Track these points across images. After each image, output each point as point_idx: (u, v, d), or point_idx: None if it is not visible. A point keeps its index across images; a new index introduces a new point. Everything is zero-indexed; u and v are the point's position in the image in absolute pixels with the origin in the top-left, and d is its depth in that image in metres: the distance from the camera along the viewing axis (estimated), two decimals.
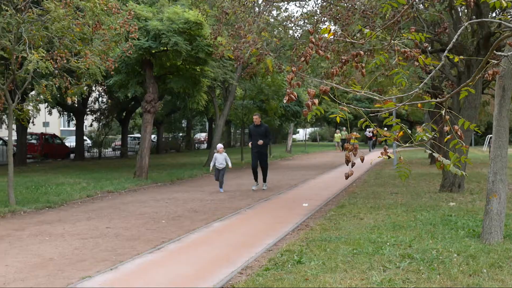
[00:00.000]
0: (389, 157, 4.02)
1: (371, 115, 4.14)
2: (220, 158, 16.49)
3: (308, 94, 3.76)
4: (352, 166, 3.90)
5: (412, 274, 6.58)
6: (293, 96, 3.75)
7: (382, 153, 3.98)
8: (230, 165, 16.70)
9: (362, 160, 4.07)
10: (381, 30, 5.37)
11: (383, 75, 15.25)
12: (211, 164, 16.66)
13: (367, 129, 42.54)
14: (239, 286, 6.34)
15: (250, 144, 17.05)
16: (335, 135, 50.21)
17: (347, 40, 4.83)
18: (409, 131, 4.05)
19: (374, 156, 4.68)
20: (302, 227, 10.31)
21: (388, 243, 8.28)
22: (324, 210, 12.43)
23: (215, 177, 16.79)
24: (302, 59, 4.12)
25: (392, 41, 4.33)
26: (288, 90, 3.80)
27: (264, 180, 17.33)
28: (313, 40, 4.05)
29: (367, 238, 8.71)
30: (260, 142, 16.56)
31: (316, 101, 3.74)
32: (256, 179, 17.26)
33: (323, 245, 8.30)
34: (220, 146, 16.94)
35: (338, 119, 4.18)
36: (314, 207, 12.89)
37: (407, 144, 4.14)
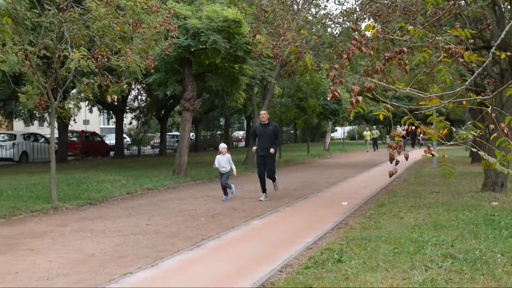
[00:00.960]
0: (433, 155, 3.97)
1: (416, 112, 4.08)
2: (223, 160, 14.31)
3: (352, 92, 3.72)
4: (396, 164, 3.85)
5: (455, 274, 6.48)
6: (336, 94, 3.72)
7: (425, 151, 3.93)
8: (234, 170, 14.39)
9: (407, 158, 4.01)
10: (424, 27, 5.28)
11: (424, 73, 15.05)
12: (215, 165, 14.52)
13: (399, 128, 41.82)
14: (279, 284, 6.30)
15: (254, 148, 14.40)
16: (364, 133, 47.92)
17: (391, 37, 4.77)
18: (454, 129, 3.99)
19: (412, 155, 4.58)
20: (342, 225, 10.26)
21: (429, 243, 8.18)
22: (363, 208, 12.36)
23: (221, 181, 14.57)
24: (345, 56, 4.08)
25: (437, 38, 4.26)
26: (331, 87, 3.76)
27: (273, 180, 14.64)
28: (356, 37, 4.00)
29: (408, 237, 8.62)
30: (272, 150, 13.95)
31: (360, 98, 3.70)
32: (263, 189, 14.37)
33: (363, 244, 8.25)
34: (223, 146, 14.74)
35: (381, 117, 4.13)
36: (354, 206, 12.82)
37: (451, 142, 4.07)
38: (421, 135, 46.40)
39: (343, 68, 4.41)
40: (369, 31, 4.25)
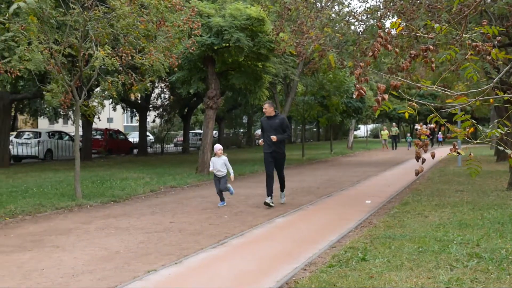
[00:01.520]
0: (459, 153, 3.93)
1: (443, 110, 4.04)
2: (218, 163, 12.91)
3: (377, 90, 3.70)
4: (423, 162, 3.82)
5: (480, 273, 6.41)
6: (362, 92, 3.70)
7: (451, 150, 3.90)
8: (232, 174, 13.02)
9: (433, 156, 3.98)
10: (451, 24, 5.23)
11: (448, 70, 14.94)
12: (210, 169, 13.25)
13: (417, 126, 41.36)
14: (303, 282, 6.29)
15: (260, 141, 13.09)
16: (382, 132, 46.26)
17: (417, 34, 4.73)
18: (481, 127, 3.95)
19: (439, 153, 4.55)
20: (366, 224, 10.22)
21: (454, 242, 8.10)
22: (387, 207, 12.29)
23: (216, 187, 13.15)
24: (370, 53, 4.06)
25: (464, 35, 4.21)
26: (357, 85, 3.74)
27: (282, 189, 13.37)
28: (382, 34, 3.98)
29: (433, 236, 8.56)
30: (274, 138, 12.40)
31: (386, 96, 3.68)
32: (270, 191, 12.76)
33: (387, 242, 8.20)
34: (218, 147, 13.18)
35: (406, 115, 4.10)
36: (377, 204, 12.76)
37: (477, 141, 4.03)
38: (440, 133, 45.88)
39: (368, 66, 4.39)
40: (394, 28, 4.23)
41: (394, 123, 47.47)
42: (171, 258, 7.74)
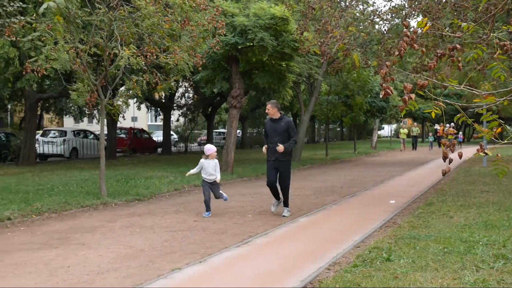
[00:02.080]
0: (486, 153, 3.91)
1: (469, 110, 4.00)
2: (209, 166, 11.44)
3: (404, 89, 3.69)
4: (450, 162, 3.80)
5: (507, 275, 6.36)
6: (389, 91, 3.69)
7: (478, 150, 3.88)
8: (218, 178, 11.58)
9: (460, 156, 3.96)
10: (477, 23, 5.19)
11: (475, 70, 14.82)
12: (193, 171, 11.82)
13: (447, 125, 40.66)
14: (328, 282, 6.29)
15: (264, 149, 11.51)
16: (401, 130, 44.62)
17: (441, 33, 4.71)
18: (508, 128, 3.92)
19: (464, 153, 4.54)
20: (390, 224, 10.20)
21: (480, 243, 8.06)
22: (411, 207, 12.25)
23: (204, 194, 11.56)
24: (396, 53, 4.05)
25: (492, 34, 4.18)
26: (383, 84, 3.73)
27: (285, 204, 11.59)
28: (408, 34, 3.97)
29: (458, 237, 8.51)
30: (280, 148, 10.92)
31: (413, 95, 3.66)
32: (276, 196, 11.61)
33: (412, 243, 8.18)
34: (211, 148, 11.67)
35: (433, 115, 4.09)
36: (401, 204, 12.73)
37: (505, 141, 4.00)
38: (460, 133, 45.28)
39: (394, 65, 4.38)
40: (421, 28, 4.21)
41: (415, 123, 46.61)
42: (195, 256, 7.78)
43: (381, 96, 3.88)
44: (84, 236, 9.34)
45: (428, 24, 4.17)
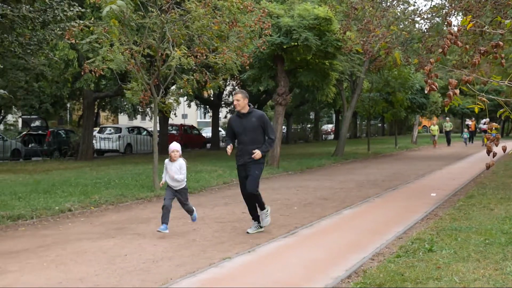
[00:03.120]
0: None
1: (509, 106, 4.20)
2: (172, 169, 9.10)
3: (449, 85, 3.90)
4: (494, 156, 3.97)
5: None
6: (434, 87, 3.92)
7: None
8: (183, 180, 9.16)
9: (504, 150, 4.10)
10: None
11: None
12: (163, 176, 9.38)
13: (482, 121, 39.56)
14: (372, 272, 6.40)
15: (228, 149, 8.98)
16: (432, 127, 41.98)
17: (483, 31, 5.02)
18: None
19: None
20: (431, 216, 10.29)
21: None
22: (452, 200, 12.31)
23: (165, 200, 9.21)
24: (440, 50, 4.28)
25: None
26: (428, 80, 3.98)
27: (261, 208, 9.18)
28: (452, 31, 4.17)
29: (499, 228, 8.53)
30: (256, 155, 8.81)
31: (457, 91, 3.86)
32: (254, 216, 9.20)
33: (453, 234, 8.23)
34: (173, 147, 9.31)
35: (476, 110, 4.28)
36: (442, 197, 12.81)
37: None
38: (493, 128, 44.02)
39: (438, 62, 4.63)
40: (465, 25, 4.41)
41: (447, 118, 45.17)
42: (244, 246, 8.03)
43: (426, 91, 4.07)
44: (139, 227, 9.73)
45: (471, 22, 4.41)
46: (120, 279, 6.46)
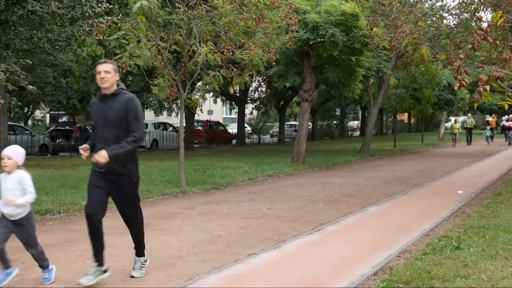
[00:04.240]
0: None
1: None
2: (7, 186, 5.83)
3: (479, 81, 3.87)
4: None
5: None
6: (464, 83, 3.89)
7: None
8: (26, 202, 5.79)
9: None
10: None
11: None
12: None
13: (504, 117, 38.62)
14: (398, 269, 6.35)
15: (82, 149, 6.26)
16: (453, 125, 37.73)
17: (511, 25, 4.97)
18: None
19: None
20: (458, 213, 10.19)
21: None
22: (480, 197, 12.19)
23: None
24: (470, 46, 4.23)
25: None
26: (458, 77, 3.94)
27: (138, 253, 6.65)
28: (482, 27, 4.13)
29: None
30: (100, 158, 5.85)
31: (488, 87, 3.82)
32: (96, 253, 6.21)
33: (481, 232, 8.14)
34: (10, 151, 5.89)
35: (506, 106, 4.24)
36: (470, 194, 12.68)
37: None
38: None
39: (468, 57, 4.59)
40: (495, 20, 4.36)
41: (469, 114, 43.91)
42: (270, 243, 8.03)
43: (456, 88, 4.04)
44: (165, 222, 9.75)
45: (502, 18, 4.34)
46: (146, 274, 6.49)
